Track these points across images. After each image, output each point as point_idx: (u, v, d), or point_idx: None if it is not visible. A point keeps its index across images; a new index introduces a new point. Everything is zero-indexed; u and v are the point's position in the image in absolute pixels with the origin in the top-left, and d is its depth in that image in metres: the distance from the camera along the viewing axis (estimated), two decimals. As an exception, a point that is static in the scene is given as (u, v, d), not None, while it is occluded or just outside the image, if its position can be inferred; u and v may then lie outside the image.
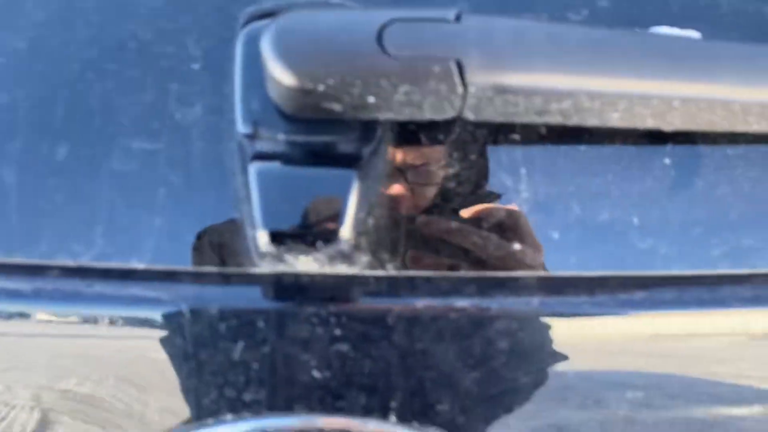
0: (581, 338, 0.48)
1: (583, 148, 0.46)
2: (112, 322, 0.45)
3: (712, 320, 0.49)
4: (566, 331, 0.47)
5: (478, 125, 0.45)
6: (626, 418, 0.51)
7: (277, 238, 0.38)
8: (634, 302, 0.46)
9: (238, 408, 0.46)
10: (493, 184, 0.46)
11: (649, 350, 0.50)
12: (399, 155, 0.47)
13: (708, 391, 0.52)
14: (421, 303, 0.45)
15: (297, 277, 0.44)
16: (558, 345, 0.47)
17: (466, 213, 0.47)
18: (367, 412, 0.46)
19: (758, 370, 0.52)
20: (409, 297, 0.45)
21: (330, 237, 0.38)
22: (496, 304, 0.46)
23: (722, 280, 0.46)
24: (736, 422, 0.53)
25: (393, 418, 0.46)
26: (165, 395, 0.47)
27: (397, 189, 0.48)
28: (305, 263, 0.39)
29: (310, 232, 0.38)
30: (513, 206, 0.46)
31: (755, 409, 0.53)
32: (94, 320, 0.45)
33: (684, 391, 0.51)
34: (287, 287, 0.45)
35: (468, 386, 0.47)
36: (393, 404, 0.46)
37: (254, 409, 0.46)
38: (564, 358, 0.48)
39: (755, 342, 0.50)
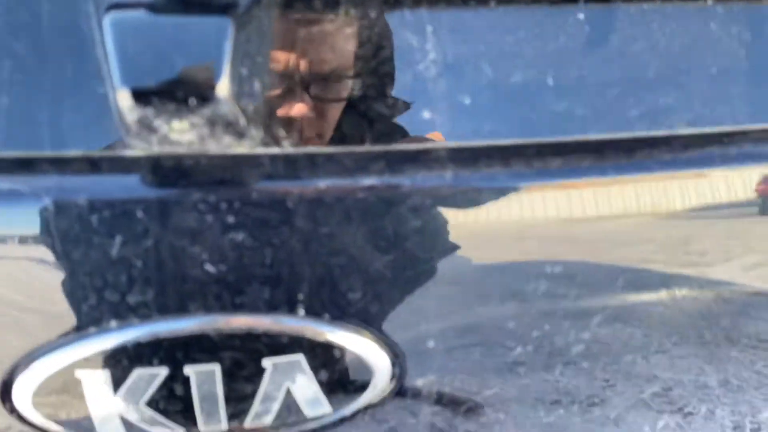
0: (496, 217, 0.45)
1: (492, 3, 0.42)
2: (-41, 222, 0.38)
3: (622, 196, 0.47)
4: (481, 209, 0.44)
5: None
6: (542, 310, 0.49)
7: (142, 97, 0.32)
8: (551, 171, 0.43)
9: (124, 313, 0.40)
10: (398, 46, 0.41)
11: (561, 234, 0.48)
12: (299, 62, 0.41)
13: (617, 277, 0.51)
14: (324, 183, 0.41)
15: (179, 159, 0.39)
16: (472, 226, 0.44)
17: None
18: (271, 307, 0.42)
19: (663, 254, 0.51)
20: (310, 177, 0.41)
21: (205, 95, 0.32)
22: (406, 180, 0.42)
23: (640, 144, 0.44)
24: (645, 308, 0.53)
25: (301, 311, 0.42)
26: (36, 305, 0.41)
27: (299, 109, 0.42)
28: (180, 131, 0.34)
29: (181, 89, 0.32)
30: (438, 134, 0.42)
31: (662, 295, 0.52)
32: (-64, 221, 0.38)
33: (595, 279, 0.50)
34: (167, 171, 0.39)
35: (381, 273, 0.43)
36: (300, 297, 0.42)
37: (142, 312, 0.41)
38: (479, 241, 0.45)
39: (660, 223, 0.49)
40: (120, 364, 0.41)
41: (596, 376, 0.55)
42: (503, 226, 0.45)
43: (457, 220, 0.44)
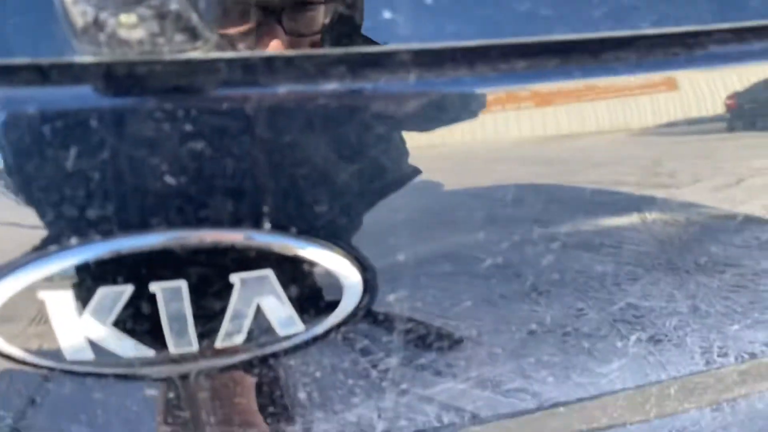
0: (466, 129, 0.44)
1: None
2: None
3: (595, 113, 0.46)
4: (448, 119, 0.43)
5: None
6: (521, 239, 0.49)
7: (84, -15, 0.31)
8: (517, 74, 0.43)
9: (84, 230, 0.39)
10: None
11: (534, 155, 0.48)
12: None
13: (591, 199, 0.51)
14: (284, 89, 0.40)
15: (132, 65, 0.37)
16: (439, 138, 0.43)
17: None
18: (236, 221, 0.41)
19: (634, 175, 0.51)
20: (269, 83, 0.39)
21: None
22: (368, 85, 0.41)
23: (606, 44, 0.43)
24: (617, 233, 0.53)
25: (267, 225, 0.42)
26: (-10, 224, 0.39)
27: (274, 47, 0.40)
28: (128, 26, 0.33)
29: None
30: None
31: (633, 219, 0.52)
32: None
33: (570, 202, 0.50)
34: (121, 79, 0.38)
35: (347, 184, 0.42)
36: (265, 209, 0.41)
37: (103, 229, 0.40)
38: (446, 155, 0.44)
39: (631, 140, 0.49)
40: (84, 283, 0.40)
41: (569, 304, 0.56)
42: (473, 140, 0.45)
43: (423, 131, 0.43)
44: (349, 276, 0.45)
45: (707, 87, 0.49)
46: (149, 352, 0.44)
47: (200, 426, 0.50)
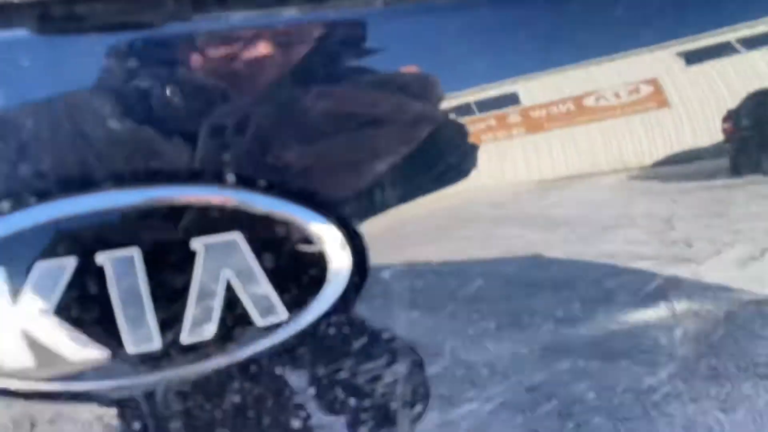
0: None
1: None
2: None
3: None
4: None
5: None
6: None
7: None
8: None
9: (16, 190, 0.34)
10: None
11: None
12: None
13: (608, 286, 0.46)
14: (237, 19, 0.36)
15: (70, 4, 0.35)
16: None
17: None
18: (194, 174, 0.36)
19: (649, 245, 0.45)
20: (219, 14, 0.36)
21: None
22: (332, 12, 0.37)
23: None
24: (644, 330, 0.47)
25: (231, 178, 0.36)
26: None
27: None
28: None
29: None
30: None
31: (661, 311, 0.47)
32: None
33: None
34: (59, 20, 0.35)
35: (323, 125, 0.37)
36: (227, 159, 0.36)
37: (39, 188, 0.34)
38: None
39: (632, 185, 0.44)
40: (18, 256, 0.34)
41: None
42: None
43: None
44: (333, 243, 0.38)
45: (699, 104, 0.44)
46: (103, 354, 0.36)
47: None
